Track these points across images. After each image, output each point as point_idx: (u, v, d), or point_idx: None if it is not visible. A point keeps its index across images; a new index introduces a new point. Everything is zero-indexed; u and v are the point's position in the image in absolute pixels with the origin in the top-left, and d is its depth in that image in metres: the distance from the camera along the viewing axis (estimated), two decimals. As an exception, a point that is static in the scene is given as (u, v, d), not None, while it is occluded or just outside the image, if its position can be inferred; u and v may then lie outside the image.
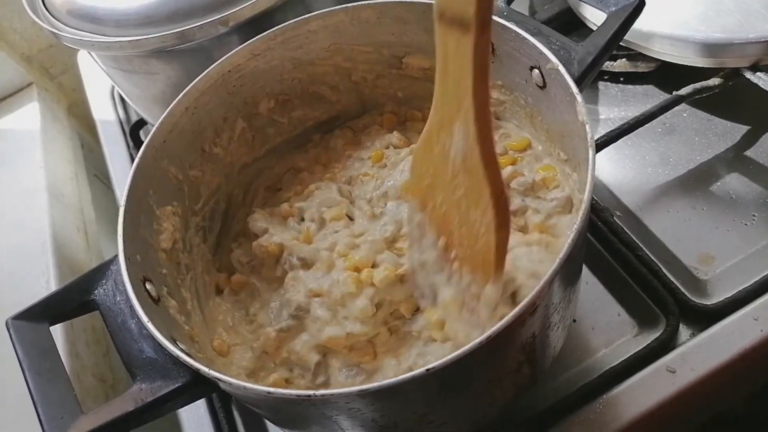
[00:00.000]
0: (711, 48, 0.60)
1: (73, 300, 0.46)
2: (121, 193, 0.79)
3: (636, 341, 0.55)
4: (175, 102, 0.53)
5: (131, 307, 0.43)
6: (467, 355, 0.34)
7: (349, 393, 0.35)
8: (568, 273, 0.40)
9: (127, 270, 0.43)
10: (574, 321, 0.57)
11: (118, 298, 0.45)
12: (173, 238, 0.52)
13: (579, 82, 0.44)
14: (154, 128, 0.52)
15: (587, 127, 0.40)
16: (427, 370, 0.33)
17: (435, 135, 0.42)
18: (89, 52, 0.68)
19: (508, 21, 0.49)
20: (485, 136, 0.39)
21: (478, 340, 0.33)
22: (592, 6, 0.48)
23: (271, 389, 0.36)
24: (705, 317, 0.54)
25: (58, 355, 0.43)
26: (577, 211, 0.45)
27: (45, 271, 0.77)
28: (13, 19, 0.98)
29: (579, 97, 0.42)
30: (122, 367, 0.78)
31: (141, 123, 0.84)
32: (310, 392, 0.35)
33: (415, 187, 0.46)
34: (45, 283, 0.76)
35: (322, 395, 0.35)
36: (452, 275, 0.43)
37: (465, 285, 0.42)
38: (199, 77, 0.54)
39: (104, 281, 0.46)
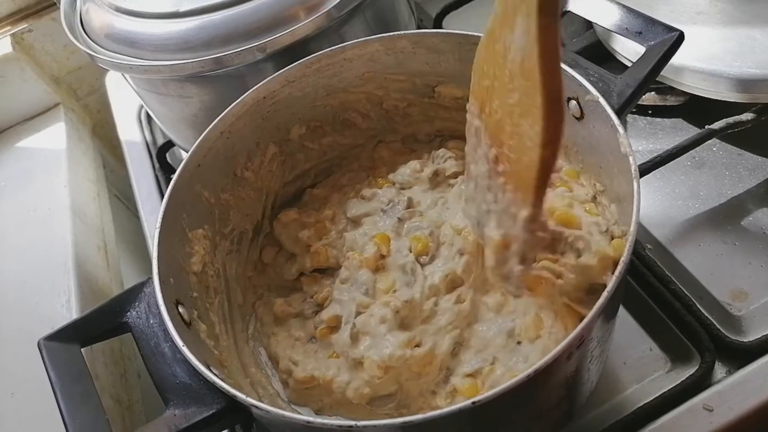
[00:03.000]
0: (745, 83, 0.60)
1: (105, 322, 0.45)
2: (146, 213, 0.81)
3: (669, 377, 0.54)
4: (210, 126, 0.53)
5: (165, 331, 0.42)
6: (513, 388, 0.33)
7: (392, 425, 0.34)
8: (611, 305, 0.40)
9: (162, 292, 0.43)
10: (605, 355, 0.56)
11: (152, 321, 0.44)
12: (203, 261, 0.52)
13: (619, 113, 0.44)
14: (190, 152, 0.52)
15: (631, 158, 0.40)
16: (473, 403, 0.33)
17: (497, 29, 0.36)
18: (123, 75, 0.69)
19: (546, 53, 0.49)
20: (548, 33, 0.32)
21: (525, 373, 0.33)
22: (631, 39, 0.48)
23: (311, 419, 0.35)
24: (741, 355, 0.53)
25: (90, 378, 0.42)
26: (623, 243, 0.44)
27: (66, 290, 0.77)
28: (45, 41, 1.00)
29: (621, 129, 0.42)
30: (137, 389, 0.79)
31: (167, 145, 0.84)
32: (352, 423, 0.34)
33: (476, 88, 0.41)
34: (66, 302, 0.76)
35: (365, 426, 0.34)
36: (497, 193, 0.39)
37: (505, 205, 0.39)
38: (234, 103, 0.54)
39: (137, 303, 0.46)
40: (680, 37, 0.46)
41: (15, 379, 0.71)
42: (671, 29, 0.47)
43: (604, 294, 0.35)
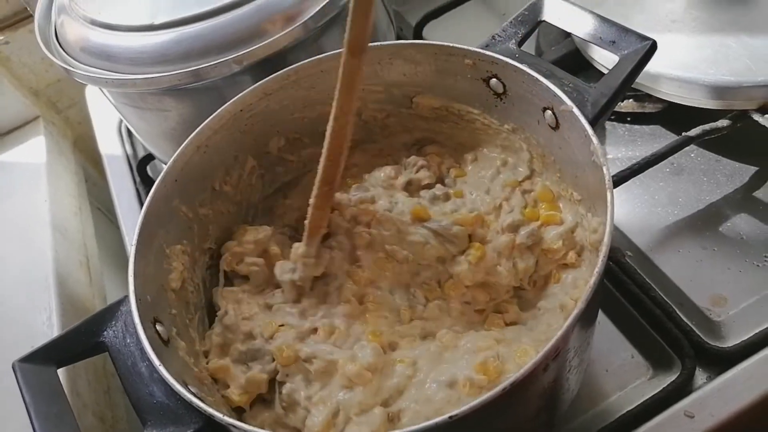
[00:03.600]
0: (720, 90, 0.61)
1: (81, 342, 0.45)
2: (127, 227, 0.80)
3: (651, 384, 0.54)
4: (187, 141, 0.53)
5: (141, 350, 0.42)
6: (490, 402, 0.33)
7: (368, 442, 0.34)
8: (588, 315, 0.40)
9: (138, 311, 0.43)
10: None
11: (128, 340, 0.44)
12: (182, 277, 0.52)
13: (593, 123, 0.44)
14: (166, 167, 0.51)
15: (605, 169, 0.40)
16: (450, 417, 0.33)
17: None
18: (100, 88, 0.68)
19: (521, 63, 0.49)
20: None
21: (501, 386, 0.33)
22: (605, 49, 0.49)
23: (287, 437, 0.35)
24: (721, 360, 0.53)
25: (66, 399, 0.42)
26: (596, 253, 0.44)
27: (47, 307, 0.76)
28: (23, 53, 0.99)
29: (594, 139, 0.42)
30: (121, 406, 0.78)
31: (148, 158, 0.84)
32: (328, 441, 0.34)
33: None
34: (47, 319, 0.75)
35: (341, 444, 0.34)
36: None
37: None
38: (211, 116, 0.54)
39: (113, 322, 0.45)
40: (653, 46, 0.47)
41: (-7, 398, 0.70)
42: (644, 38, 0.47)
43: (580, 303, 0.35)
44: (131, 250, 0.46)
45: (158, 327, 0.45)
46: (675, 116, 0.69)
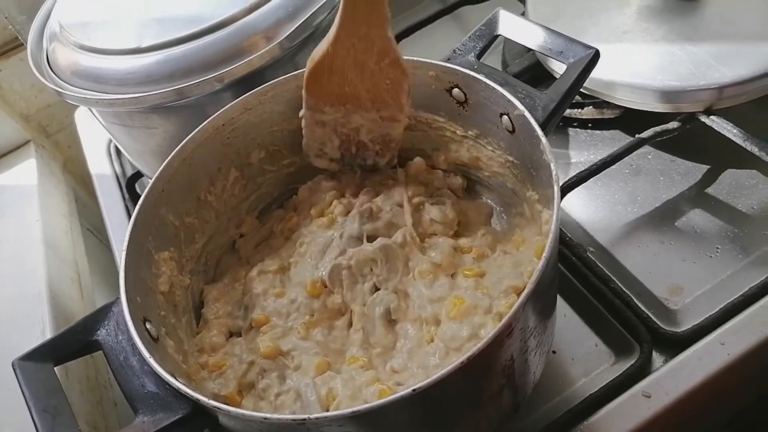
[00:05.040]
0: (667, 95, 0.66)
1: (76, 341, 0.48)
2: (117, 242, 0.84)
3: (613, 369, 0.57)
4: (173, 153, 0.57)
5: (133, 345, 0.45)
6: (450, 375, 0.36)
7: (342, 416, 0.37)
8: (541, 296, 0.43)
9: (129, 310, 0.46)
10: (554, 352, 0.60)
11: (120, 338, 0.47)
12: (170, 282, 0.55)
13: (544, 126, 0.48)
14: (154, 177, 0.55)
15: (552, 165, 0.45)
16: (413, 390, 0.36)
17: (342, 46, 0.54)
18: (90, 109, 0.72)
19: (479, 73, 0.54)
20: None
21: (459, 360, 0.36)
22: (554, 59, 0.53)
23: (268, 415, 0.38)
24: (676, 344, 0.57)
25: (63, 394, 0.45)
26: (546, 236, 0.48)
27: (41, 320, 0.79)
28: (14, 81, 1.03)
29: (543, 139, 0.46)
30: (114, 416, 0.80)
31: (136, 176, 0.87)
32: (305, 416, 0.37)
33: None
34: (40, 333, 0.78)
35: (317, 418, 0.37)
36: None
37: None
38: (195, 130, 0.58)
39: (106, 322, 0.48)
40: (596, 55, 0.51)
41: (-9, 409, 0.72)
42: (588, 47, 0.52)
43: (530, 283, 0.39)
44: (122, 255, 0.49)
45: (148, 325, 0.48)
46: (631, 121, 0.73)
